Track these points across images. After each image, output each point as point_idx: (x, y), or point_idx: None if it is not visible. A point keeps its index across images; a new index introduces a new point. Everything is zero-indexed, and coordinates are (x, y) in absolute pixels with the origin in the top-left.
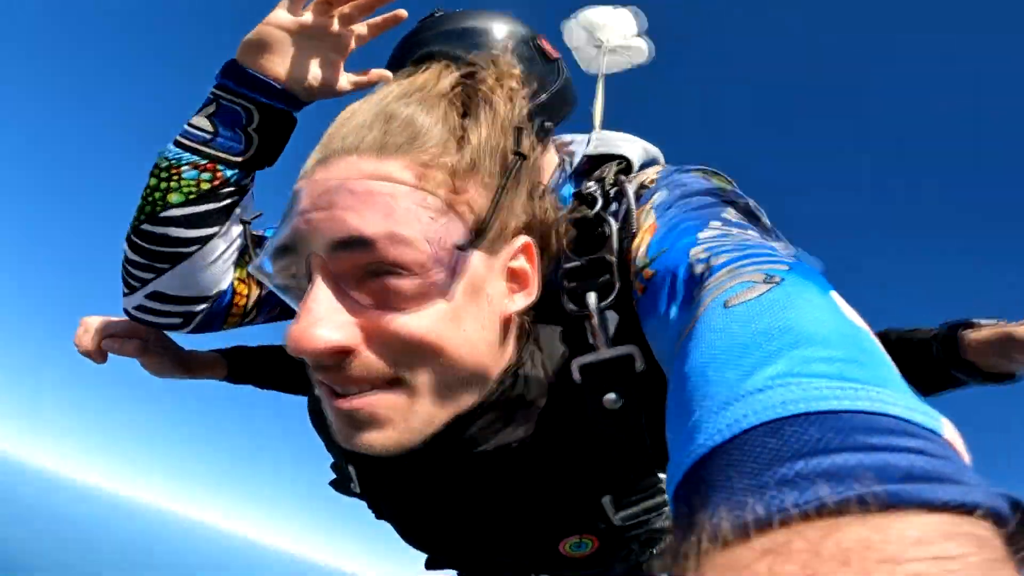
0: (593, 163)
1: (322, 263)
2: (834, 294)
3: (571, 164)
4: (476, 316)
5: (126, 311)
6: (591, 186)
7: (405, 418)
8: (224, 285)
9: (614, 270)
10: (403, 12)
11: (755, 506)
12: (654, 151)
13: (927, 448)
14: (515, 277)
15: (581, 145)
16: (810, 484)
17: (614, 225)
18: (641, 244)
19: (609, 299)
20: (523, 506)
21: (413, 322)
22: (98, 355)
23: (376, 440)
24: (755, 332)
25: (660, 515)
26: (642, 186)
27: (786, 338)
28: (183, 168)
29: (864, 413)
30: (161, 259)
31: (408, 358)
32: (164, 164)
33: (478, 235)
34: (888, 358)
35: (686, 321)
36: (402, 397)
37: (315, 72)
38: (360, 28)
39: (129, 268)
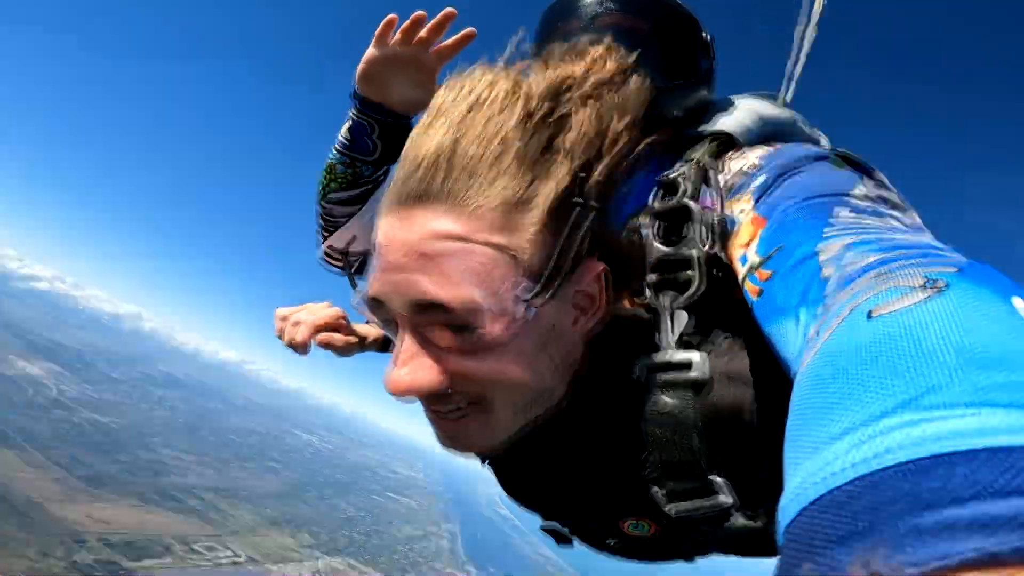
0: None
1: (405, 320)
2: (1020, 301)
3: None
4: (542, 350)
5: (323, 252)
6: (679, 170)
7: (484, 432)
8: None
9: (698, 266)
10: (472, 30)
11: (906, 551)
12: (778, 118)
13: None
14: (584, 300)
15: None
16: (972, 533)
17: (698, 215)
18: (748, 239)
19: (684, 297)
20: (583, 480)
21: (485, 367)
22: (304, 349)
23: (466, 449)
24: (908, 352)
25: (725, 512)
26: (742, 171)
27: (950, 360)
28: (336, 165)
29: None
30: (330, 225)
31: (485, 390)
32: (328, 162)
33: (543, 288)
34: None
35: (818, 331)
36: (482, 416)
37: (410, 94)
38: (441, 47)
39: (319, 226)
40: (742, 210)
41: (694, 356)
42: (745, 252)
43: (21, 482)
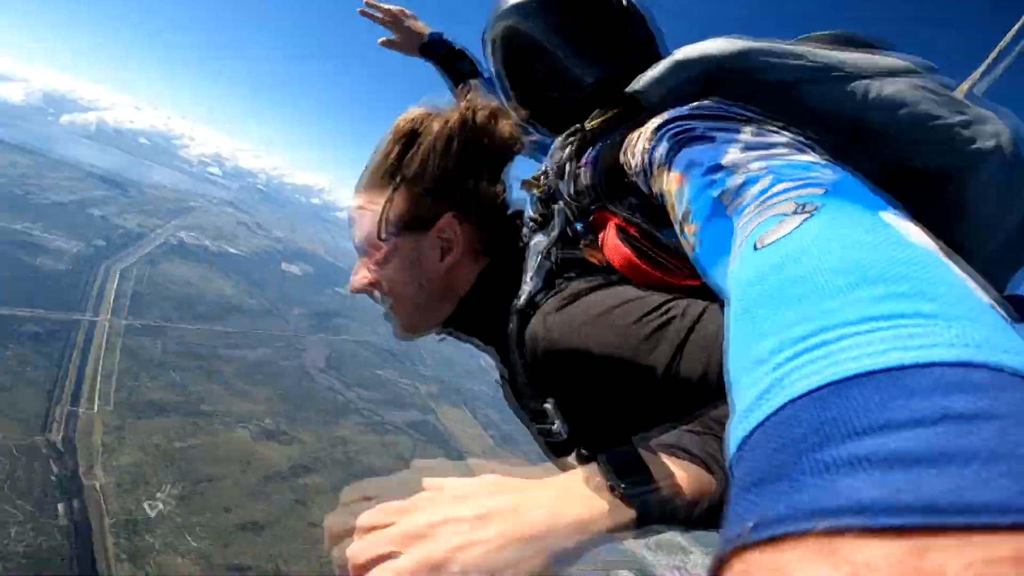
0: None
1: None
2: (887, 214)
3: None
4: (409, 270)
5: None
6: (565, 140)
7: (399, 326)
8: None
9: (556, 224)
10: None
11: (772, 512)
12: (704, 56)
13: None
14: (445, 242)
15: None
16: (835, 483)
17: (556, 181)
18: (675, 202)
19: (544, 244)
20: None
21: (377, 275)
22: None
23: (398, 336)
24: (785, 281)
25: (567, 441)
26: (644, 151)
27: (831, 282)
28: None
29: (935, 366)
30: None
31: (387, 294)
32: None
33: (396, 231)
34: (966, 279)
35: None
36: (395, 314)
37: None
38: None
39: None
40: (664, 182)
41: (523, 292)
42: (679, 215)
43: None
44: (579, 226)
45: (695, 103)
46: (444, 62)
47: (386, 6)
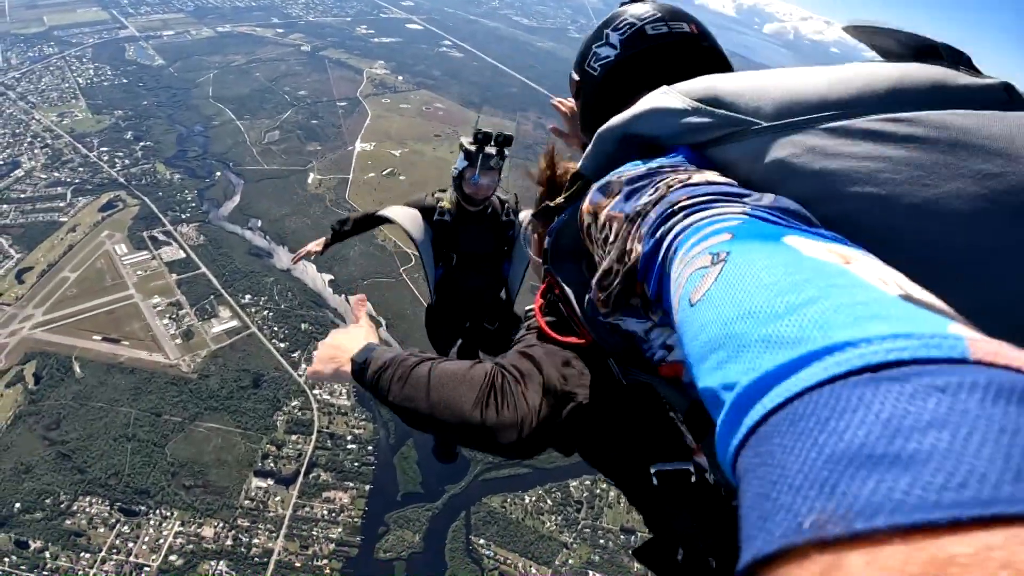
0: None
1: None
2: (790, 239)
3: None
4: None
5: None
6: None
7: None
8: None
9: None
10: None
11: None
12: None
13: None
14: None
15: None
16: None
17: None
18: (590, 220)
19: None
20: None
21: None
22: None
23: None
24: (720, 328)
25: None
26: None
27: (743, 329)
28: None
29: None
30: None
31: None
32: None
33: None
34: (873, 271)
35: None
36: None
37: None
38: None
39: None
40: (589, 214)
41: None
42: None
43: None
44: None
45: (620, 169)
46: None
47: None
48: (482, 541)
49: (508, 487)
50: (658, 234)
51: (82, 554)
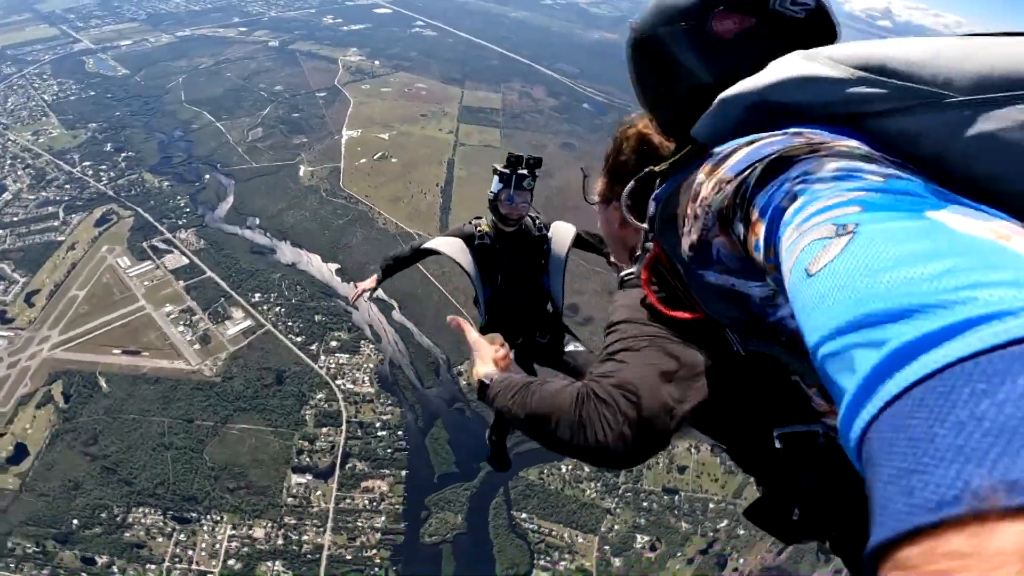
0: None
1: None
2: (934, 213)
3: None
4: (606, 227)
5: None
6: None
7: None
8: None
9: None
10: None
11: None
12: (751, 91)
13: None
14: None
15: None
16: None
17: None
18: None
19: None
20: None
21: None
22: None
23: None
24: (849, 302)
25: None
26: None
27: (874, 303)
28: None
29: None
30: None
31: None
32: None
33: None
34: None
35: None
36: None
37: None
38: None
39: None
40: (709, 184)
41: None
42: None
43: None
44: (648, 246)
45: (749, 136)
46: None
47: None
48: (524, 515)
49: (543, 458)
50: (780, 195)
51: (148, 566)
